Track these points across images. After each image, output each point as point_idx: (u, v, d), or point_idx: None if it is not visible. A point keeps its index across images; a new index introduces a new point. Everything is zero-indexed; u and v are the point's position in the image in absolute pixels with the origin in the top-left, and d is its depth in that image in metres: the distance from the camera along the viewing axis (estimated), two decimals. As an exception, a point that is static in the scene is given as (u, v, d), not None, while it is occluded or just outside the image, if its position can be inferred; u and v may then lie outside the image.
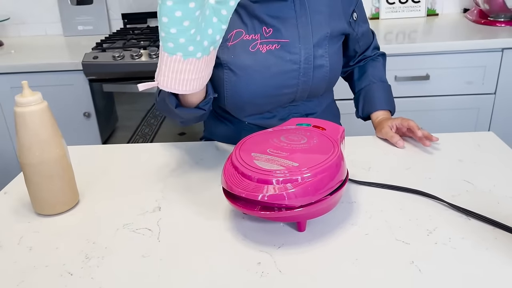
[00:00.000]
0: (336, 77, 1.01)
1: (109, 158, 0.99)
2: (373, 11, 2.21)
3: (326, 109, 1.07)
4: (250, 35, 0.92)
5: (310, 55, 0.93)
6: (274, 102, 0.97)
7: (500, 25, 1.88)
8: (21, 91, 0.71)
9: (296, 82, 0.94)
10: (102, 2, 2.23)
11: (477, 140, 0.97)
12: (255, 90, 0.93)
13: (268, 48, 0.92)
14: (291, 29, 0.92)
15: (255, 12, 0.91)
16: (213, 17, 0.71)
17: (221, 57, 0.92)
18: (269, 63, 0.92)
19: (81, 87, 1.83)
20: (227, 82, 0.93)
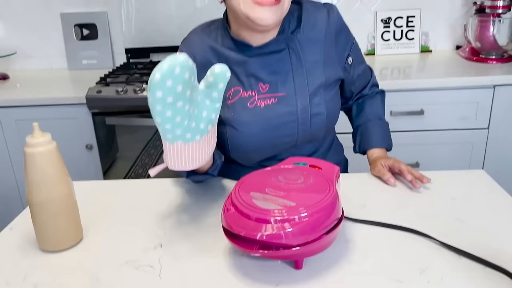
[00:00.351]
0: (334, 121, 1.05)
1: (112, 194, 1.01)
2: (369, 47, 2.28)
3: (328, 147, 1.10)
4: (247, 92, 0.96)
5: (306, 105, 0.97)
6: (277, 149, 1.01)
7: (491, 62, 1.94)
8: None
9: (295, 131, 0.98)
10: (107, 38, 2.30)
11: (469, 179, 1.00)
12: (257, 142, 0.97)
13: (266, 103, 0.96)
14: (287, 83, 0.96)
15: (251, 70, 0.95)
16: (205, 100, 0.76)
17: (222, 116, 0.96)
18: (268, 116, 0.96)
19: (84, 120, 1.87)
20: (230, 137, 0.98)
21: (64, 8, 2.28)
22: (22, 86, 2.04)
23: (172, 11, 2.26)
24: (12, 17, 2.30)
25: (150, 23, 2.28)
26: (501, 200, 0.91)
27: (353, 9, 2.24)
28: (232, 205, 0.73)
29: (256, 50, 0.95)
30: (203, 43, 0.98)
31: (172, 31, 2.28)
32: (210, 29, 1.01)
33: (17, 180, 1.98)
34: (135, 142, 1.96)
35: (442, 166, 1.88)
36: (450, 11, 2.22)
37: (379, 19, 2.22)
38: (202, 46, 0.98)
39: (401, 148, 1.85)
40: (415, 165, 1.88)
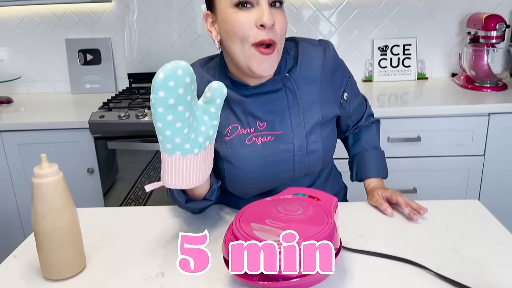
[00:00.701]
0: (330, 157, 1.07)
1: (113, 221, 1.03)
2: (366, 74, 2.33)
3: (326, 178, 1.11)
4: (245, 129, 0.99)
5: (303, 143, 0.99)
6: (274, 184, 1.03)
7: (486, 91, 1.98)
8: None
9: (292, 168, 1.00)
10: (110, 63, 2.35)
11: (463, 209, 1.02)
12: (254, 177, 0.99)
13: (263, 140, 0.98)
14: (284, 121, 0.98)
15: (249, 109, 0.98)
16: (204, 116, 0.81)
17: (220, 152, 0.99)
18: (264, 153, 0.98)
19: (86, 144, 1.90)
20: (227, 173, 1.00)
21: (69, 34, 2.33)
22: (25, 110, 2.07)
23: (174, 38, 2.32)
24: (18, 42, 2.35)
25: (152, 49, 2.34)
26: (495, 232, 0.93)
27: (351, 37, 2.29)
28: (233, 236, 0.75)
29: (253, 89, 0.98)
30: (203, 78, 1.00)
31: (174, 57, 2.33)
32: (208, 66, 1.03)
33: (18, 203, 1.99)
34: (135, 164, 1.98)
35: (439, 192, 1.90)
36: (445, 40, 2.28)
37: (376, 46, 2.28)
38: (202, 81, 1.00)
39: (399, 174, 1.88)
40: (413, 191, 1.90)
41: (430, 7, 2.23)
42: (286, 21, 0.93)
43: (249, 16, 0.88)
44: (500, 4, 2.20)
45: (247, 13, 0.88)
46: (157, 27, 2.30)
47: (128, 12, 2.29)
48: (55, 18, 2.31)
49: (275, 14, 0.89)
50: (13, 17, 2.31)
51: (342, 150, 1.24)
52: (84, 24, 2.32)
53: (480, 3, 2.20)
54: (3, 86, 2.35)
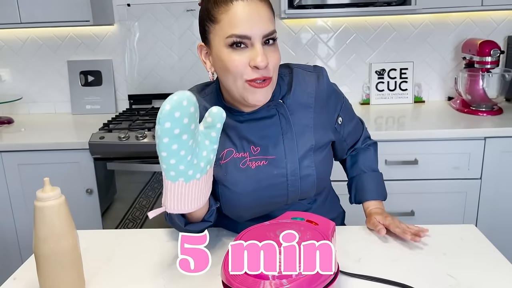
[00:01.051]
0: (324, 182, 1.08)
1: (113, 244, 1.04)
2: (364, 97, 2.36)
3: (322, 202, 1.12)
4: (239, 153, 1.01)
5: (296, 167, 1.00)
6: (268, 208, 1.04)
7: (482, 115, 2.01)
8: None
9: (285, 192, 1.01)
10: (111, 84, 2.38)
11: (460, 233, 1.03)
12: (249, 201, 1.01)
13: (257, 164, 1.00)
14: (277, 146, 1.00)
15: (243, 134, 1.00)
16: (205, 140, 0.83)
17: (216, 175, 1.00)
18: (258, 177, 1.00)
19: (86, 165, 1.91)
20: (222, 196, 1.01)
21: (71, 56, 2.37)
22: (26, 130, 2.09)
23: (175, 60, 2.36)
24: (20, 63, 2.39)
25: (153, 71, 2.37)
26: (491, 257, 0.94)
27: (348, 60, 2.34)
28: (232, 260, 0.76)
29: (247, 116, 1.00)
30: (199, 105, 1.02)
31: (174, 79, 2.37)
32: (204, 92, 1.06)
33: (16, 224, 1.99)
34: (133, 184, 1.99)
35: (437, 215, 1.91)
36: (441, 65, 2.32)
37: (374, 70, 2.32)
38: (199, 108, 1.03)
39: (396, 197, 1.89)
40: (410, 213, 1.91)
41: (426, 32, 2.28)
42: (279, 56, 0.95)
43: (243, 57, 0.89)
44: (495, 30, 2.25)
45: (241, 53, 0.89)
46: (158, 49, 2.34)
47: (130, 35, 2.33)
48: (57, 41, 2.35)
49: (268, 52, 0.91)
50: (17, 39, 2.35)
51: (340, 173, 1.26)
52: (86, 46, 2.36)
53: (474, 29, 2.25)
54: (5, 107, 2.38)
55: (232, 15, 0.88)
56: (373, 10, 2.00)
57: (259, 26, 0.89)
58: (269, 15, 0.92)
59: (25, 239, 2.01)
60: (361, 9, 1.99)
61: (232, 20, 0.88)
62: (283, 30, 2.30)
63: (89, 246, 1.02)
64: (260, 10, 0.90)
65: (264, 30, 0.90)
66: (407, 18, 2.26)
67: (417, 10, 1.97)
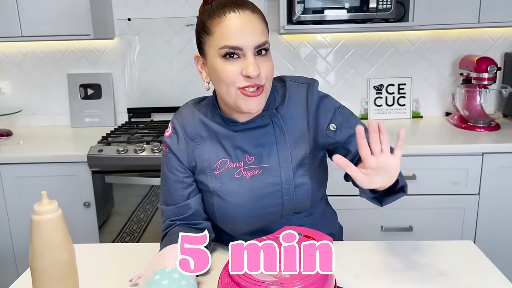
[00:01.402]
0: (319, 192, 1.08)
1: (109, 258, 1.03)
2: (362, 112, 2.37)
3: (318, 216, 1.12)
4: (234, 163, 1.02)
5: (290, 176, 1.01)
6: (264, 220, 1.04)
7: (479, 130, 2.02)
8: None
9: (280, 201, 1.02)
10: (110, 97, 2.39)
11: (457, 250, 1.03)
12: (243, 211, 1.01)
13: (252, 174, 1.01)
14: (271, 155, 1.01)
15: (238, 143, 1.02)
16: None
17: (210, 185, 1.01)
18: (253, 186, 1.00)
19: (84, 178, 1.91)
20: (217, 207, 1.02)
21: (71, 69, 2.38)
22: (25, 143, 2.09)
23: (174, 75, 2.37)
24: (21, 76, 2.40)
25: (152, 85, 2.38)
26: (489, 273, 0.94)
27: (347, 75, 2.35)
28: (229, 276, 0.75)
29: (242, 125, 1.02)
30: (194, 117, 1.05)
31: (173, 93, 2.38)
32: (201, 104, 1.08)
33: (12, 237, 1.98)
34: (131, 197, 1.98)
35: (435, 230, 1.90)
36: (438, 80, 2.34)
37: (372, 85, 2.33)
38: (193, 119, 1.05)
39: (394, 212, 1.89)
40: (409, 229, 1.91)
41: (424, 48, 2.30)
42: (272, 65, 0.97)
43: (236, 66, 0.92)
44: (491, 47, 2.27)
45: (233, 63, 0.92)
46: (158, 63, 2.36)
47: (130, 49, 2.35)
48: (58, 54, 2.37)
49: (260, 62, 0.93)
50: (18, 52, 2.37)
51: (336, 188, 1.25)
52: (87, 60, 2.38)
53: (471, 45, 2.28)
54: (4, 119, 2.38)
55: (225, 27, 0.92)
56: (371, 26, 2.02)
57: (251, 37, 0.92)
58: (261, 27, 0.94)
59: (21, 252, 1.99)
60: (359, 25, 2.01)
61: (225, 31, 0.92)
62: (282, 45, 2.33)
63: (86, 261, 1.01)
64: (252, 22, 0.93)
65: (256, 41, 0.92)
66: (405, 35, 2.29)
67: (414, 26, 1.99)
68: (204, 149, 1.03)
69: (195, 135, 1.04)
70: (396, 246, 1.06)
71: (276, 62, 2.29)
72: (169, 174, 1.04)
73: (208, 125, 1.04)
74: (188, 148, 1.03)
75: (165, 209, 1.06)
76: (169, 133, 1.05)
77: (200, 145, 1.03)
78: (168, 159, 1.05)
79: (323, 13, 1.96)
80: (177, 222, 1.03)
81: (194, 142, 1.04)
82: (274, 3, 2.27)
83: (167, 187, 1.05)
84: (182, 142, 1.04)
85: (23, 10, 2.01)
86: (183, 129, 1.04)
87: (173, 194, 1.04)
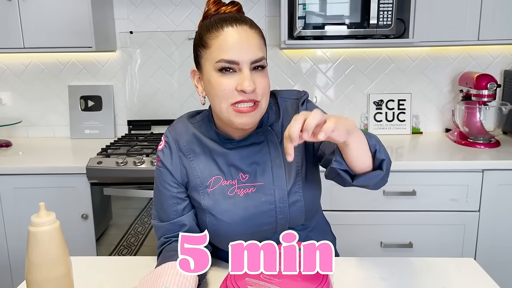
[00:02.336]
0: (313, 209, 1.06)
1: (106, 271, 1.02)
2: (362, 127, 2.37)
3: (312, 230, 1.10)
4: (228, 181, 1.00)
5: (284, 194, 1.00)
6: (257, 237, 1.02)
7: (479, 147, 2.02)
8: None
9: (274, 219, 1.00)
10: (110, 109, 2.39)
11: (458, 267, 1.02)
12: (237, 230, 0.99)
13: (245, 192, 1.00)
14: (265, 173, 1.00)
15: (232, 161, 1.00)
16: None
17: (202, 203, 1.00)
18: (246, 205, 0.99)
19: (82, 190, 1.90)
20: (210, 225, 1.00)
21: (72, 81, 2.39)
22: (24, 154, 2.08)
23: (175, 88, 2.38)
24: (21, 87, 2.40)
25: (153, 97, 2.39)
26: (491, 291, 0.93)
27: (347, 91, 2.36)
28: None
29: (236, 143, 1.01)
30: (188, 131, 1.04)
31: (173, 106, 2.38)
32: (195, 118, 1.07)
33: (9, 248, 1.96)
34: (129, 210, 1.97)
35: (435, 247, 1.89)
36: (438, 97, 2.34)
37: (372, 101, 2.34)
38: (187, 133, 1.03)
39: (394, 228, 1.87)
40: (408, 245, 1.89)
41: (424, 65, 2.31)
42: (268, 82, 0.96)
43: (231, 81, 0.91)
44: (491, 64, 2.29)
45: (229, 77, 0.91)
46: (158, 76, 2.37)
47: (131, 62, 2.36)
48: (59, 66, 2.38)
49: (256, 77, 0.92)
50: (19, 63, 2.38)
51: (336, 203, 1.25)
52: (88, 72, 2.39)
53: (471, 62, 2.29)
54: (4, 130, 2.38)
55: (221, 41, 0.91)
56: (372, 42, 2.04)
57: (248, 52, 0.91)
58: (258, 42, 0.94)
59: (17, 264, 1.97)
60: (359, 41, 2.02)
61: (221, 45, 0.91)
62: (283, 60, 2.34)
63: (82, 273, 1.00)
64: (249, 37, 0.92)
65: (253, 56, 0.92)
66: (405, 51, 2.30)
67: (414, 43, 2.00)
68: (197, 165, 1.01)
69: (188, 151, 1.02)
70: (396, 263, 1.05)
71: (276, 76, 2.33)
72: (162, 189, 1.02)
73: (202, 140, 1.02)
74: (181, 163, 1.02)
75: (159, 226, 1.03)
76: (162, 147, 1.04)
77: (193, 161, 1.02)
78: (161, 174, 1.03)
79: (323, 28, 1.98)
80: (172, 239, 1.01)
81: (187, 157, 1.02)
82: (275, 18, 2.29)
83: (160, 203, 1.03)
84: (176, 157, 1.02)
85: (26, 22, 2.03)
86: (176, 143, 1.02)
87: (167, 210, 1.02)
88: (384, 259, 1.07)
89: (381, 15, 1.93)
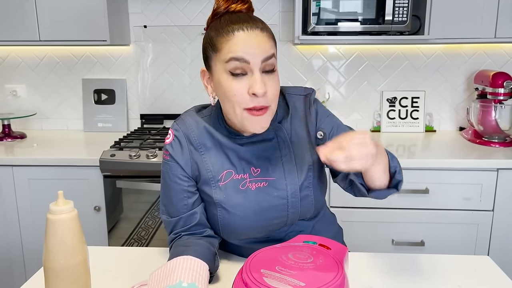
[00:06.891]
0: (320, 202, 1.07)
1: (121, 261, 1.03)
2: (375, 124, 2.36)
3: (319, 220, 1.10)
4: (239, 175, 1.00)
5: (296, 189, 1.00)
6: (267, 231, 1.03)
7: (494, 146, 2.00)
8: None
9: (286, 213, 1.00)
10: (123, 103, 2.40)
11: (474, 264, 1.01)
12: (247, 224, 0.99)
13: (257, 186, 0.99)
14: (277, 168, 1.00)
15: (243, 156, 1.00)
16: None
17: (214, 196, 0.99)
18: (258, 199, 0.99)
19: (95, 182, 1.91)
20: (221, 218, 1.00)
21: (86, 74, 2.41)
22: (38, 146, 2.10)
23: (187, 82, 2.39)
24: (36, 80, 2.43)
25: (165, 92, 2.40)
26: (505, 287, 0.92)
27: (360, 87, 2.35)
28: (243, 282, 0.75)
29: (247, 139, 1.01)
30: (199, 125, 1.02)
31: (186, 101, 2.39)
32: (203, 113, 1.06)
33: (22, 238, 1.98)
34: (140, 203, 1.98)
35: (448, 246, 1.87)
36: (452, 95, 2.32)
37: (385, 98, 2.32)
38: (198, 127, 1.02)
39: (406, 226, 1.86)
40: (420, 243, 1.88)
41: (438, 62, 2.29)
42: (278, 85, 0.95)
43: (242, 84, 0.90)
44: (507, 62, 2.26)
45: (240, 80, 0.91)
46: (171, 71, 2.38)
47: (144, 56, 2.37)
48: (74, 59, 2.39)
49: (267, 80, 0.92)
50: (34, 56, 2.40)
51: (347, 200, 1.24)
52: (102, 65, 2.40)
53: (487, 60, 2.26)
54: (18, 122, 2.40)
55: (232, 45, 0.90)
56: (386, 38, 2.02)
57: (258, 51, 0.90)
58: (269, 43, 0.93)
59: (30, 254, 1.99)
60: (374, 37, 2.01)
61: (232, 47, 0.90)
62: (296, 56, 2.33)
63: (98, 263, 1.01)
64: (260, 39, 0.91)
65: (263, 54, 0.90)
66: (420, 48, 2.28)
67: (429, 40, 1.98)
68: (209, 159, 1.00)
69: (199, 145, 1.01)
70: (410, 259, 1.04)
71: (289, 72, 2.33)
72: (172, 183, 1.01)
73: (213, 135, 1.01)
74: (192, 157, 1.01)
75: (168, 221, 1.02)
76: (170, 140, 1.02)
77: (204, 155, 1.01)
78: (170, 168, 1.01)
79: (337, 24, 1.96)
80: (182, 234, 1.00)
81: (198, 151, 1.01)
82: (289, 13, 2.28)
83: (169, 198, 1.02)
84: (186, 151, 1.01)
85: (41, 15, 2.04)
86: (187, 138, 1.01)
87: (177, 204, 1.01)
88: (398, 255, 1.06)
89: (397, 11, 1.91)
